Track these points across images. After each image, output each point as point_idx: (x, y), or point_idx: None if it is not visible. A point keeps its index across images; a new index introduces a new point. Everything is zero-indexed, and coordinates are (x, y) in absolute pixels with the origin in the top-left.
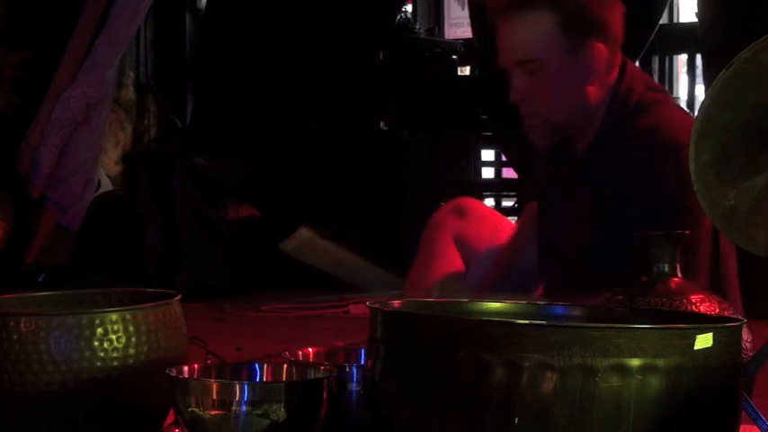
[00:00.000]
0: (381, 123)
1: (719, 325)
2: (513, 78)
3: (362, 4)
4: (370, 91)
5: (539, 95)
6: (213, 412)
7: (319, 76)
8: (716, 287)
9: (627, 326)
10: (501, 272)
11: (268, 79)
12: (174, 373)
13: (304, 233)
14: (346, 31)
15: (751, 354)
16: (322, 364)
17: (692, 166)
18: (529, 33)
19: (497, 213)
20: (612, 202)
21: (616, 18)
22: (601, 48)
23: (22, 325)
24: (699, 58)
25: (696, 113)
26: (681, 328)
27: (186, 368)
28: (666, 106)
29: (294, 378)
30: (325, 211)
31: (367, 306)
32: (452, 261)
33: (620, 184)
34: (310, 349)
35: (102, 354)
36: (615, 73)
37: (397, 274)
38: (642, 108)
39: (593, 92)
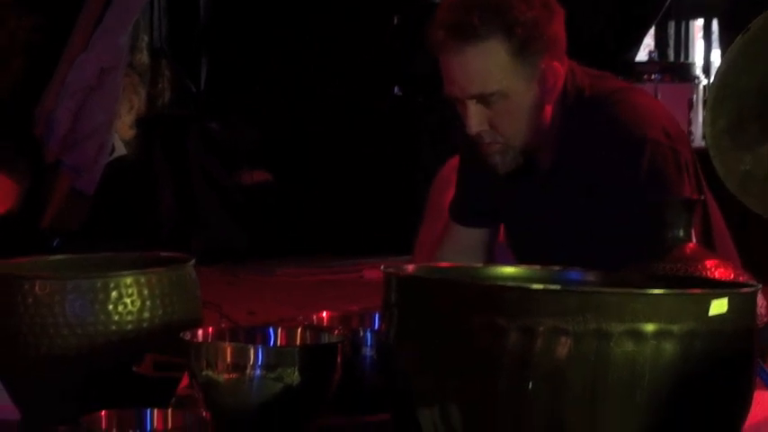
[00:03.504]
0: (396, 88)
1: (734, 290)
2: (467, 111)
3: None
4: (384, 56)
5: (499, 125)
6: (227, 376)
7: (333, 43)
8: (708, 245)
9: (642, 291)
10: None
11: (282, 43)
12: (188, 336)
13: None
14: None
15: (766, 319)
16: (336, 329)
17: (707, 130)
18: (483, 66)
19: None
20: (592, 201)
21: (561, 27)
22: (555, 65)
23: (37, 288)
24: (715, 23)
25: (712, 79)
26: (695, 294)
27: (200, 332)
28: (621, 92)
29: (308, 342)
30: (339, 177)
31: (381, 271)
32: None
33: (597, 181)
34: (324, 314)
35: (116, 317)
36: (562, 80)
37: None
38: (598, 101)
39: (550, 109)
